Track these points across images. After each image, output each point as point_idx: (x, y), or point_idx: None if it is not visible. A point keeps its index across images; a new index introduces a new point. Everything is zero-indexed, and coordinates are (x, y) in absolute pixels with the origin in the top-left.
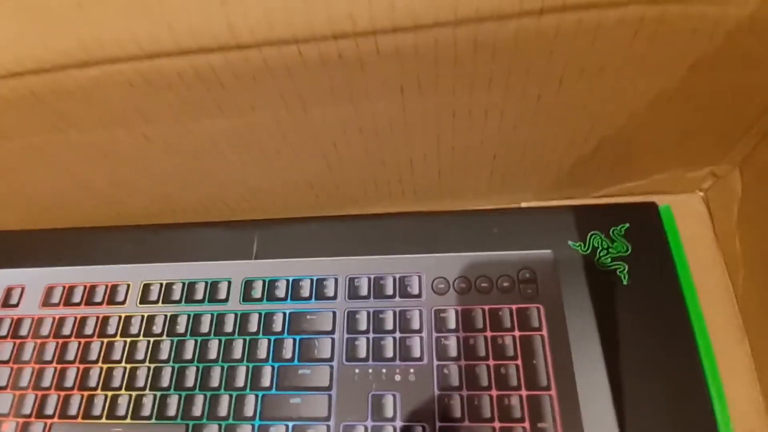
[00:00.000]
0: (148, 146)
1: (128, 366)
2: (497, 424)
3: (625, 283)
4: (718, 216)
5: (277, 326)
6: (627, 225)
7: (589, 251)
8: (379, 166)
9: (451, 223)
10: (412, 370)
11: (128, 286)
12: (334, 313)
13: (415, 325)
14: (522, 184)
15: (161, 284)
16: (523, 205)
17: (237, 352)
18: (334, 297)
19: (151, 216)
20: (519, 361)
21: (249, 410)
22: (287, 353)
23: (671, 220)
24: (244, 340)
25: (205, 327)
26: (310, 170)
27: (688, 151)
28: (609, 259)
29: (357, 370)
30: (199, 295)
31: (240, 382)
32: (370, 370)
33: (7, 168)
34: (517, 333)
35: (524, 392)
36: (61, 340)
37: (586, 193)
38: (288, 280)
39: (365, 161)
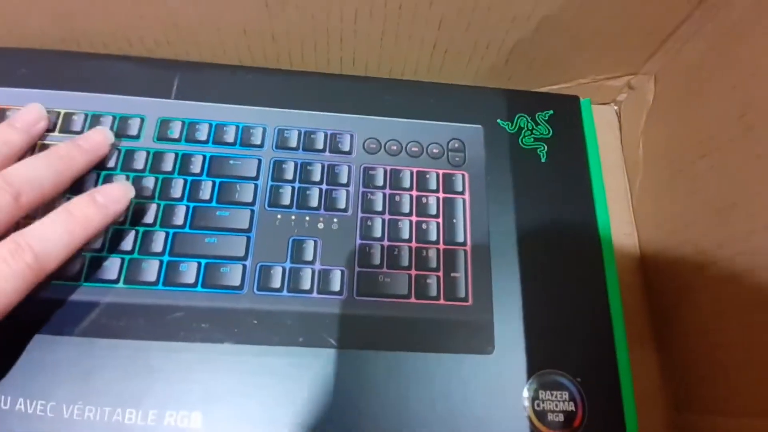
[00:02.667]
0: None
1: None
2: (413, 272)
3: (543, 160)
4: (626, 127)
5: (195, 168)
6: (551, 112)
7: (515, 130)
8: (322, 16)
9: (388, 89)
10: (335, 220)
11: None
12: (260, 161)
13: (343, 179)
14: (461, 67)
15: (59, 113)
16: None
17: (147, 189)
18: (261, 146)
19: (51, 42)
20: (440, 219)
21: (157, 246)
22: (204, 195)
23: (589, 114)
24: (156, 178)
25: (110, 162)
26: (246, 10)
27: (612, 54)
28: (531, 139)
29: (279, 216)
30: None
31: (149, 219)
32: (293, 217)
33: None
34: (441, 195)
35: (442, 246)
36: None
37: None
38: (211, 124)
39: (308, 7)
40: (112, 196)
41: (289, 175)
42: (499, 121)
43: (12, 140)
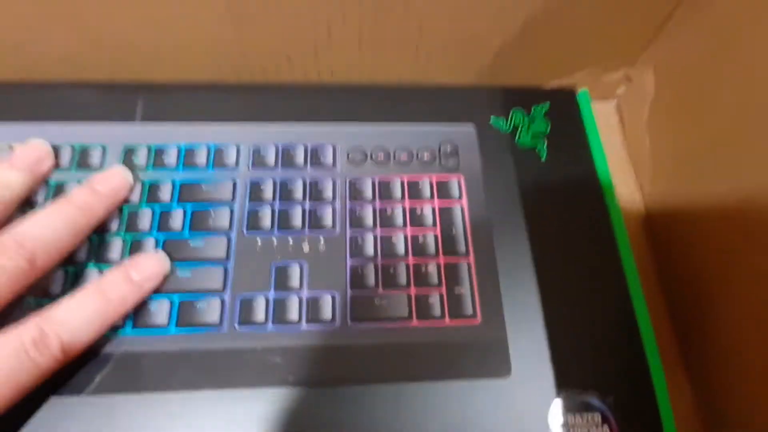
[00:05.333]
0: None
1: None
2: (413, 291)
3: (543, 159)
4: (629, 121)
5: (164, 195)
6: (548, 104)
7: (510, 128)
8: (292, 28)
9: (368, 95)
10: (322, 240)
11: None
12: (235, 183)
13: (327, 194)
14: (446, 69)
15: (9, 146)
16: None
17: (111, 223)
18: (236, 165)
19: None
20: (437, 230)
21: None
22: (175, 224)
23: (588, 105)
24: (120, 210)
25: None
26: (210, 27)
27: (606, 46)
28: (529, 138)
29: (259, 241)
30: (64, 162)
31: (114, 255)
32: (275, 240)
33: None
34: (436, 203)
35: (442, 259)
36: None
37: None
38: (179, 148)
39: (277, 19)
40: (148, 273)
41: (268, 195)
42: (492, 118)
43: (12, 183)
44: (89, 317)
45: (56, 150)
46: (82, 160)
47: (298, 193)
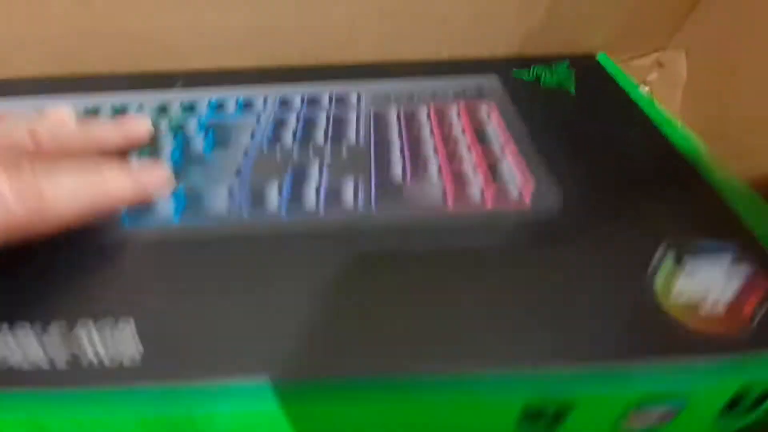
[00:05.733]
0: None
1: None
2: (446, 180)
3: (572, 92)
4: (661, 106)
5: (190, 131)
6: (567, 62)
7: (533, 78)
8: (314, 20)
9: (392, 65)
10: (344, 149)
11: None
12: (259, 116)
13: (351, 122)
14: (466, 53)
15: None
16: None
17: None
18: (263, 110)
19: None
20: (468, 137)
21: None
22: (197, 145)
23: (611, 64)
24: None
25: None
26: (238, 23)
27: (636, 29)
28: (555, 81)
29: (279, 152)
30: (102, 117)
31: None
32: (295, 150)
33: None
34: (465, 119)
35: (476, 157)
36: None
37: None
38: (210, 100)
39: (300, 12)
40: (152, 178)
41: (291, 126)
42: (514, 70)
43: (35, 131)
44: (77, 182)
45: (96, 110)
46: (120, 113)
47: (321, 124)
